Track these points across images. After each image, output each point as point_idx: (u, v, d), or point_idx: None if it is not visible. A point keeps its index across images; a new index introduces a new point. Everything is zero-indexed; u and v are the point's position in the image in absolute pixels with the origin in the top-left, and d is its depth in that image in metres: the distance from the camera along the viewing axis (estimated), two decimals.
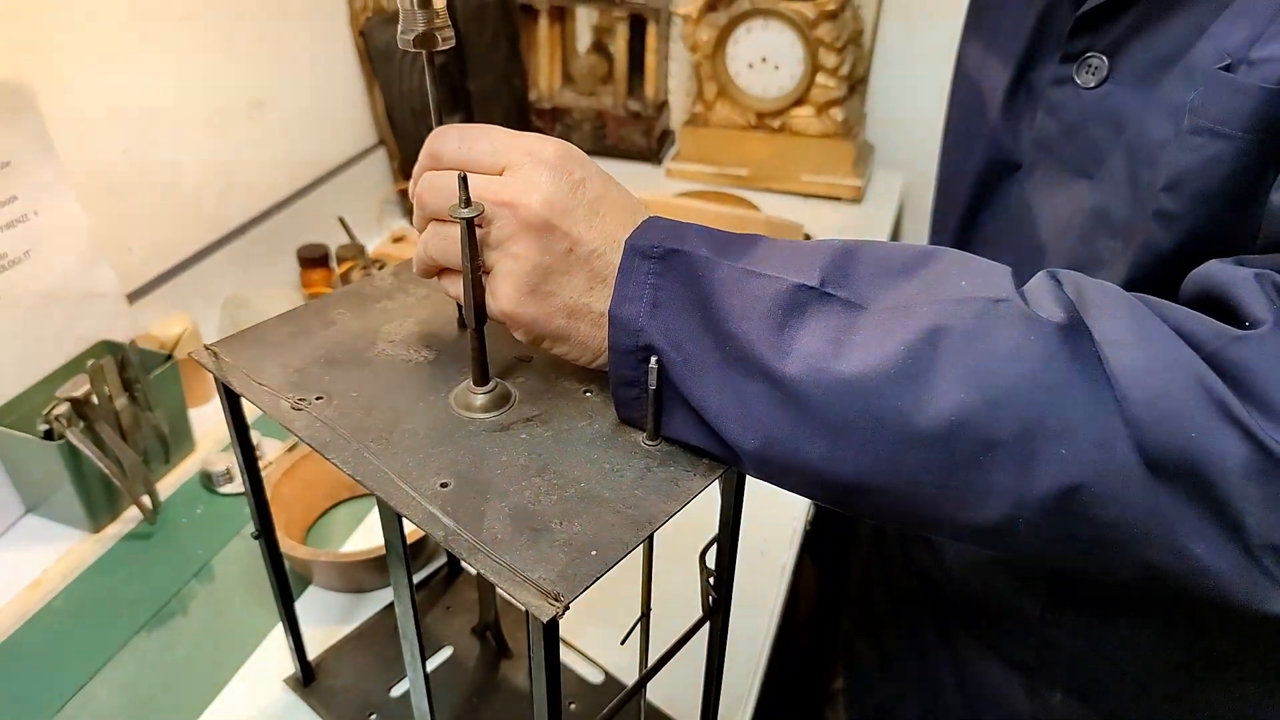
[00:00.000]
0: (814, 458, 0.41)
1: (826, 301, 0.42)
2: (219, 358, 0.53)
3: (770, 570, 0.82)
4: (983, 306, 0.40)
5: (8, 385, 0.80)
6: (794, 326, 0.41)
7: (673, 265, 0.43)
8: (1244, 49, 0.47)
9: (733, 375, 0.42)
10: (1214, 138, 0.47)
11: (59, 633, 0.73)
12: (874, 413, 0.40)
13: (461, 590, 0.78)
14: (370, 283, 0.61)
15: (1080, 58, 0.57)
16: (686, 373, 0.43)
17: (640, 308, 0.43)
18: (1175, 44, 0.51)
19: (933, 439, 0.39)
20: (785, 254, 0.44)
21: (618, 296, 0.44)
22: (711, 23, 1.46)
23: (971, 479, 0.40)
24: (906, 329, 0.40)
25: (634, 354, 0.44)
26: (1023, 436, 0.39)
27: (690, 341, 0.43)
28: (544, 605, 0.38)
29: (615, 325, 0.44)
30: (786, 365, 0.41)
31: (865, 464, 0.41)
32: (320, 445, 0.47)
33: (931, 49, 1.53)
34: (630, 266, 0.44)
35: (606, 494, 0.44)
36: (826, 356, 0.41)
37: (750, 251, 0.44)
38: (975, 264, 0.43)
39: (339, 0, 1.23)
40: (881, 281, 0.42)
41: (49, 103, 0.83)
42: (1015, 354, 0.39)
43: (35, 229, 0.82)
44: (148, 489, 0.81)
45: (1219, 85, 0.47)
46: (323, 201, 1.23)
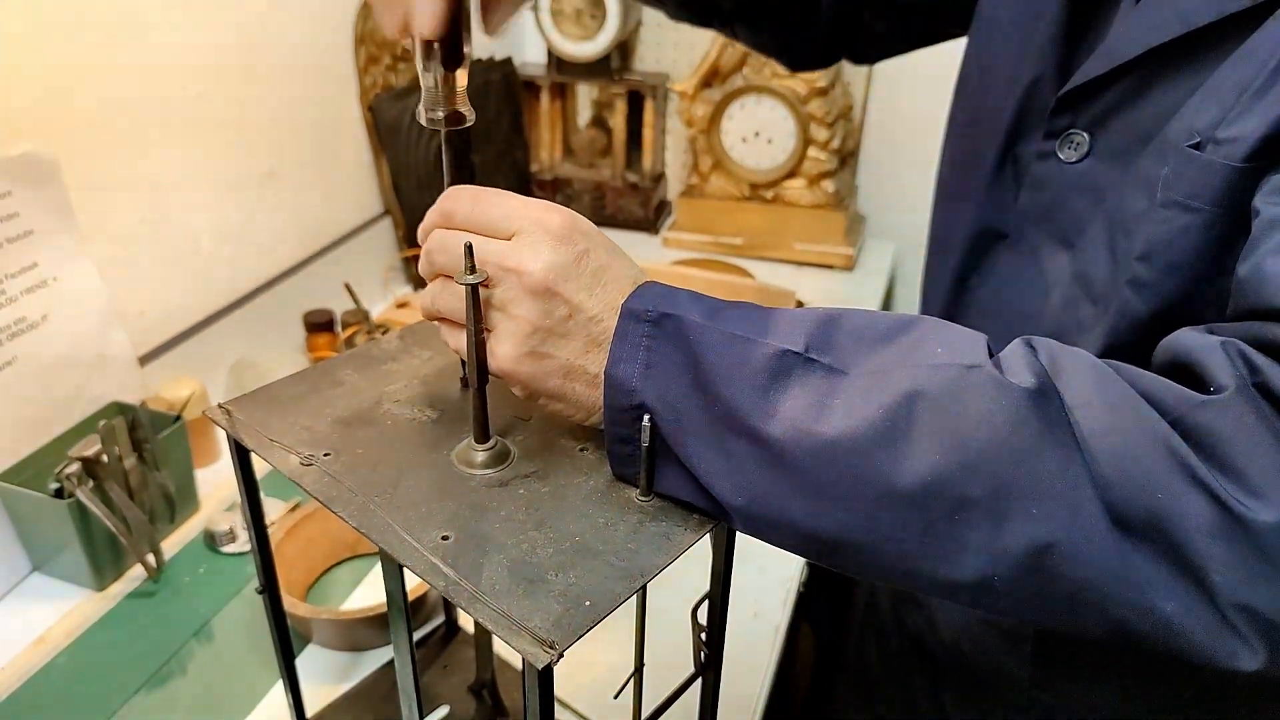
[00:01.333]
0: (798, 515, 0.43)
1: (810, 366, 0.44)
2: (231, 415, 0.56)
3: (764, 632, 0.83)
4: (956, 373, 0.42)
5: (21, 445, 0.83)
6: (779, 390, 0.43)
7: (665, 328, 0.45)
8: (1211, 129, 0.50)
9: (721, 435, 0.44)
10: (1184, 211, 0.50)
11: (62, 690, 0.74)
12: (854, 472, 0.42)
13: (458, 649, 0.79)
14: (377, 345, 0.64)
15: (1063, 134, 0.59)
16: (678, 431, 0.45)
17: (634, 368, 0.46)
18: (1151, 122, 0.54)
19: (910, 498, 0.41)
20: (773, 320, 0.46)
21: (613, 357, 0.46)
22: (707, 99, 1.51)
23: (948, 536, 0.42)
24: (884, 393, 0.42)
25: (628, 412, 0.46)
26: (995, 496, 0.40)
27: (681, 401, 0.45)
28: (539, 652, 0.40)
29: (610, 384, 0.46)
30: (771, 426, 0.43)
31: (847, 521, 0.43)
32: (327, 499, 0.49)
33: (919, 123, 1.58)
34: (625, 329, 0.46)
35: (601, 547, 0.46)
36: (809, 419, 0.42)
37: (740, 317, 0.46)
38: (952, 331, 0.45)
39: (349, 76, 1.29)
40: (862, 348, 0.44)
41: (71, 173, 0.86)
42: (986, 418, 0.41)
43: (53, 294, 0.85)
44: (153, 548, 0.83)
45: (1188, 162, 0.50)
46: (329, 269, 1.27)
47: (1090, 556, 0.40)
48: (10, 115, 0.82)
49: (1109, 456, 0.40)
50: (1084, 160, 0.58)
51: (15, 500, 0.81)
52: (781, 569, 0.89)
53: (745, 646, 0.80)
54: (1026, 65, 0.63)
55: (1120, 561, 0.40)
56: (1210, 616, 0.40)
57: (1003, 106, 0.65)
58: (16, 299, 0.82)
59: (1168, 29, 0.52)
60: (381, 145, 1.34)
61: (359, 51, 1.29)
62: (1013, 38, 0.66)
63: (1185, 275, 0.51)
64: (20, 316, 0.82)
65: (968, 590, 0.43)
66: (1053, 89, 0.61)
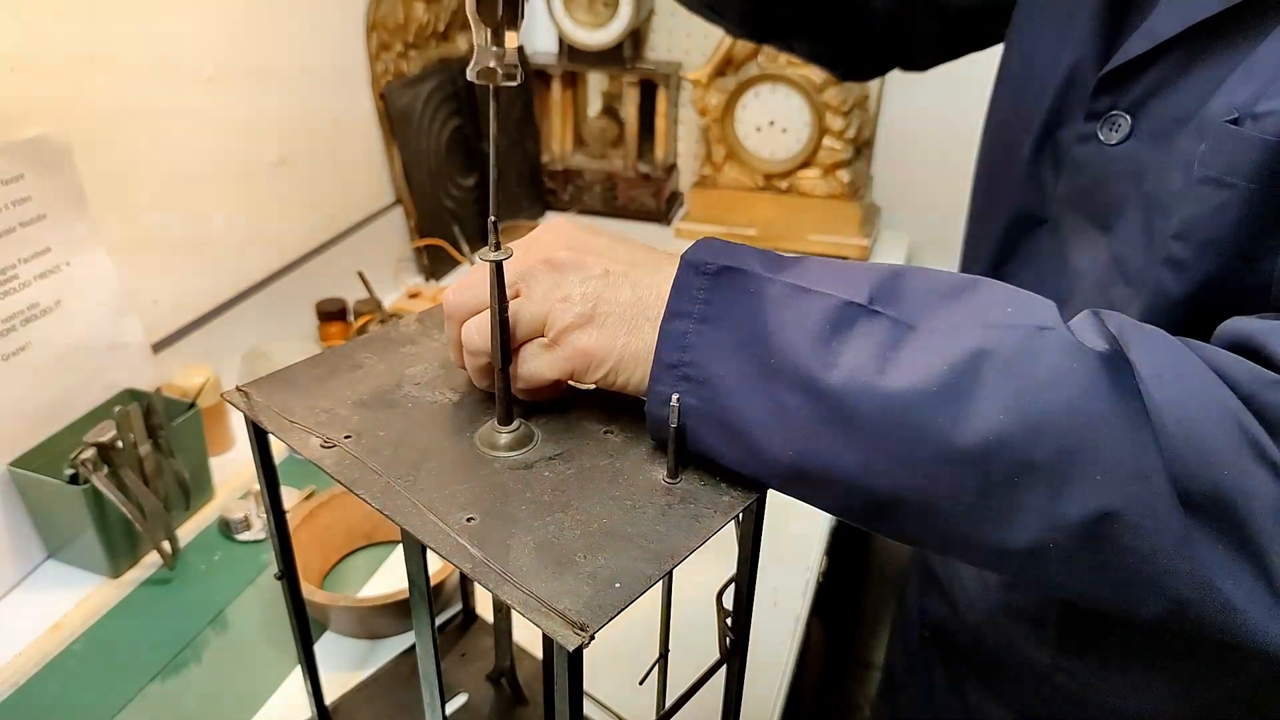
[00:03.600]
0: (849, 470, 0.43)
1: (874, 318, 0.43)
2: (250, 398, 0.55)
3: (784, 622, 0.83)
4: (1028, 333, 0.41)
5: (36, 431, 0.82)
6: (840, 341, 0.43)
7: (725, 281, 0.45)
8: (1250, 105, 0.49)
9: (774, 388, 0.44)
10: (1220, 187, 0.49)
11: (78, 677, 0.73)
12: (913, 428, 0.41)
13: (476, 637, 0.78)
14: (395, 328, 0.63)
15: (1104, 115, 0.58)
16: (727, 387, 0.45)
17: (690, 323, 0.45)
18: (1191, 101, 0.53)
19: (970, 457, 0.40)
20: (835, 273, 0.45)
21: (669, 311, 0.46)
22: (720, 87, 1.50)
23: (1005, 499, 0.41)
24: (951, 349, 0.41)
25: (676, 370, 0.46)
26: (1059, 461, 0.40)
27: (735, 355, 0.44)
28: (570, 634, 0.39)
29: (664, 339, 0.46)
30: (830, 376, 0.42)
31: (901, 478, 0.42)
32: (350, 482, 0.48)
33: (935, 113, 1.57)
34: (684, 281, 0.46)
35: (628, 530, 0.45)
36: (870, 371, 0.42)
37: (801, 269, 0.46)
38: (1022, 294, 0.45)
39: (360, 64, 1.28)
40: (929, 303, 0.44)
41: (83, 158, 0.86)
42: (1057, 380, 0.40)
43: (66, 280, 0.85)
44: (168, 535, 0.82)
45: (1225, 137, 0.49)
46: (341, 257, 1.26)
47: (1152, 529, 0.39)
48: (23, 100, 0.81)
49: (1177, 429, 0.39)
50: (1125, 142, 0.57)
51: (30, 486, 0.80)
52: (801, 559, 0.89)
53: (765, 636, 0.79)
54: (1068, 50, 0.62)
55: (1182, 536, 0.39)
56: (1268, 599, 0.39)
57: (1043, 92, 0.64)
58: (29, 284, 0.82)
59: (1208, 5, 0.51)
60: (393, 134, 1.33)
61: (370, 39, 1.28)
62: (1054, 23, 0.65)
63: (1222, 253, 0.50)
64: (33, 302, 0.82)
65: (1019, 557, 0.42)
66: (1094, 72, 0.60)
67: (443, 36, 1.44)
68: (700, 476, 0.48)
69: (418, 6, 1.36)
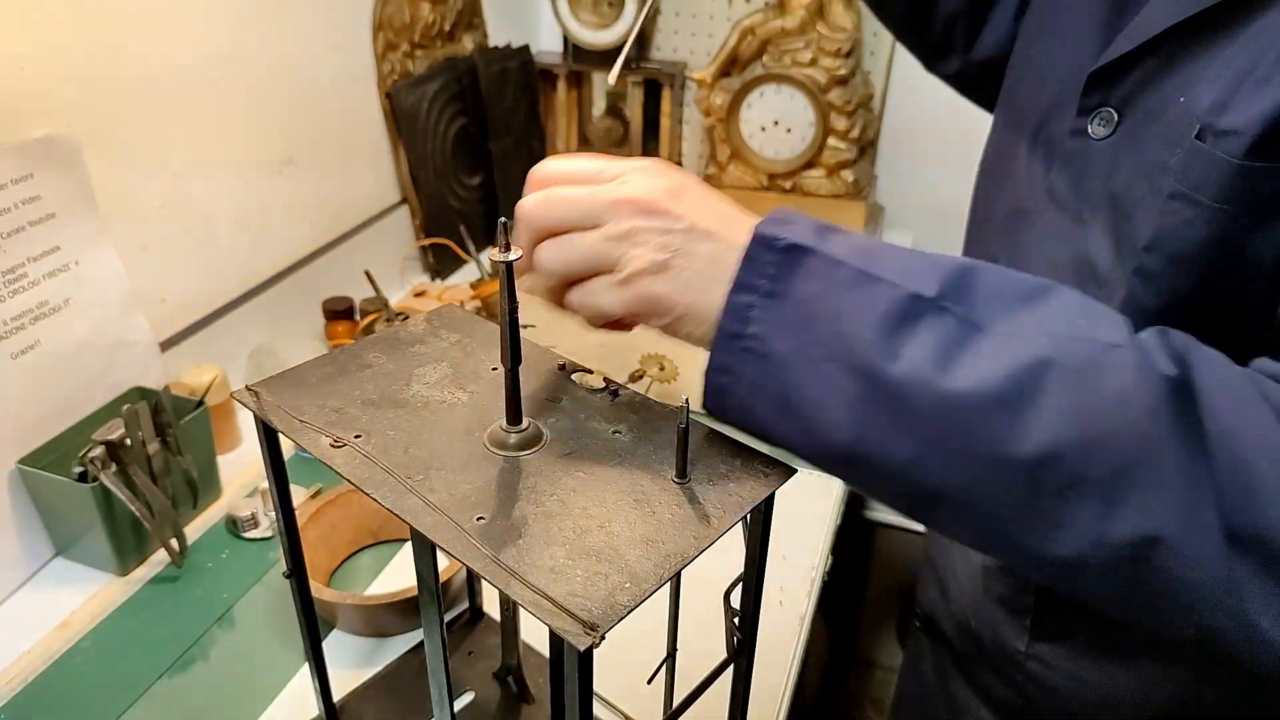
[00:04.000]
0: (901, 460, 0.43)
1: (941, 314, 0.43)
2: (260, 397, 0.55)
3: (789, 621, 0.83)
4: (1095, 348, 0.41)
5: (44, 429, 0.83)
6: (905, 333, 0.43)
7: (793, 259, 0.45)
8: (1212, 115, 0.48)
9: (835, 370, 0.44)
10: (1189, 204, 0.49)
11: (86, 674, 0.74)
12: (969, 430, 0.41)
13: (482, 635, 0.78)
14: (404, 328, 0.63)
15: (1094, 111, 0.59)
16: (787, 363, 0.45)
17: (755, 297, 0.45)
18: (1168, 101, 0.53)
19: (1023, 465, 0.41)
20: (905, 261, 0.45)
21: (737, 283, 0.46)
22: (725, 87, 1.50)
23: (1053, 510, 0.41)
24: (1016, 356, 0.41)
25: (738, 340, 0.46)
26: (1113, 480, 0.40)
27: (798, 333, 0.45)
28: (581, 635, 0.39)
29: (729, 310, 0.46)
30: (891, 368, 0.42)
31: (951, 475, 0.42)
32: (360, 481, 0.49)
33: (939, 113, 1.57)
34: (755, 254, 0.46)
35: (637, 529, 0.45)
36: (933, 368, 0.42)
37: (871, 254, 0.45)
38: (1094, 306, 0.44)
39: (367, 64, 1.28)
40: (998, 305, 0.44)
41: (93, 157, 0.86)
42: (1121, 400, 0.40)
43: (75, 278, 0.85)
44: (176, 532, 0.83)
45: (1194, 153, 0.49)
46: (348, 256, 1.26)
47: (1195, 557, 0.40)
48: (33, 99, 0.81)
49: (1229, 461, 0.39)
50: (1110, 137, 0.58)
51: (39, 484, 0.81)
52: (806, 558, 0.89)
53: (771, 635, 0.79)
54: (1069, 47, 0.62)
55: (1225, 570, 0.40)
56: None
57: (1043, 88, 0.65)
58: (39, 282, 0.82)
59: (1187, 5, 0.51)
60: (399, 133, 1.34)
61: (377, 38, 1.28)
62: (1060, 22, 0.66)
63: (1193, 269, 0.50)
64: (43, 300, 0.82)
65: (1057, 567, 0.43)
66: (1080, 63, 0.60)
67: (448, 36, 1.44)
68: (709, 477, 0.49)
69: (424, 6, 1.36)
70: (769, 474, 0.49)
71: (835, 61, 1.44)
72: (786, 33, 1.45)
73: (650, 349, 1.03)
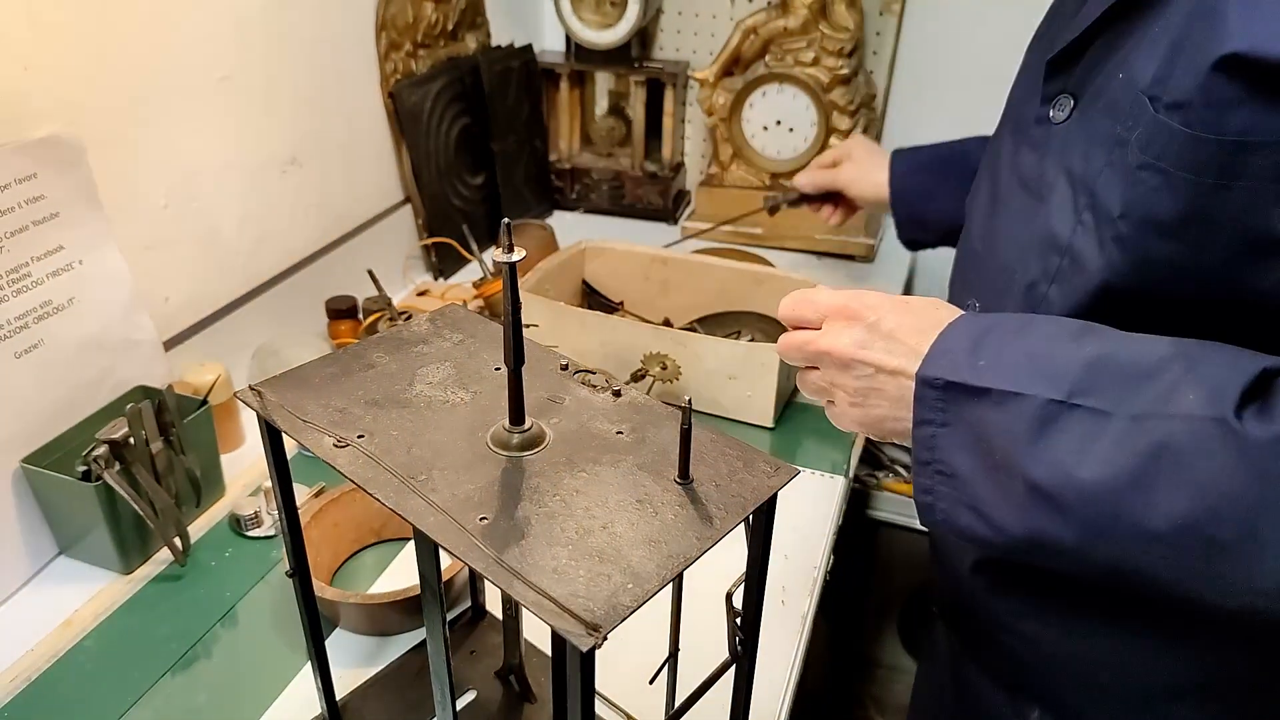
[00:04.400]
0: (1071, 545, 0.50)
1: (1072, 412, 0.50)
2: (263, 397, 0.55)
3: (791, 619, 0.83)
4: (1202, 428, 0.46)
5: (48, 428, 0.83)
6: (1046, 436, 0.50)
7: (952, 393, 0.54)
8: (1157, 88, 0.52)
9: (1005, 478, 0.52)
10: (1155, 173, 0.52)
11: (89, 672, 0.74)
12: (1110, 513, 0.48)
13: (485, 635, 0.79)
14: (407, 328, 0.63)
15: (1054, 98, 0.63)
16: (968, 478, 0.54)
17: (934, 428, 0.55)
18: (1111, 80, 0.57)
19: (1163, 538, 0.47)
20: (1041, 366, 0.52)
21: (916, 419, 0.56)
22: (728, 87, 1.51)
23: (1205, 572, 0.47)
24: (1138, 442, 0.47)
25: (929, 466, 0.56)
26: (1246, 538, 0.45)
27: (970, 451, 0.54)
28: (583, 635, 0.39)
29: (917, 440, 0.56)
30: (1037, 471, 0.50)
31: (1114, 552, 0.49)
32: (363, 481, 0.49)
33: (941, 112, 1.57)
34: (922, 395, 0.55)
35: (640, 529, 0.45)
36: (1070, 463, 0.49)
37: (1018, 369, 0.52)
38: (1210, 368, 0.48)
39: (370, 63, 1.28)
40: (1125, 389, 0.49)
41: (96, 157, 0.86)
42: (1228, 473, 0.45)
43: (79, 277, 0.85)
44: (179, 531, 0.83)
45: (1156, 125, 0.52)
46: (351, 256, 1.26)
47: None
48: (37, 99, 0.82)
49: None
50: (1068, 120, 0.61)
51: (42, 483, 0.81)
52: (808, 557, 0.89)
53: (772, 634, 0.79)
54: (1049, 42, 0.66)
55: None
56: None
57: (1022, 86, 0.70)
58: (43, 281, 0.82)
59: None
60: (402, 132, 1.34)
61: (380, 38, 1.28)
62: (1049, 29, 0.70)
63: (1166, 233, 0.53)
64: (47, 299, 0.82)
65: (1237, 613, 0.49)
66: None
67: (451, 36, 1.44)
68: (711, 477, 0.49)
69: (426, 6, 1.36)
70: (771, 474, 0.49)
71: (838, 61, 1.44)
72: (789, 32, 1.45)
73: (652, 348, 1.03)
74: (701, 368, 1.04)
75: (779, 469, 0.49)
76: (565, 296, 1.21)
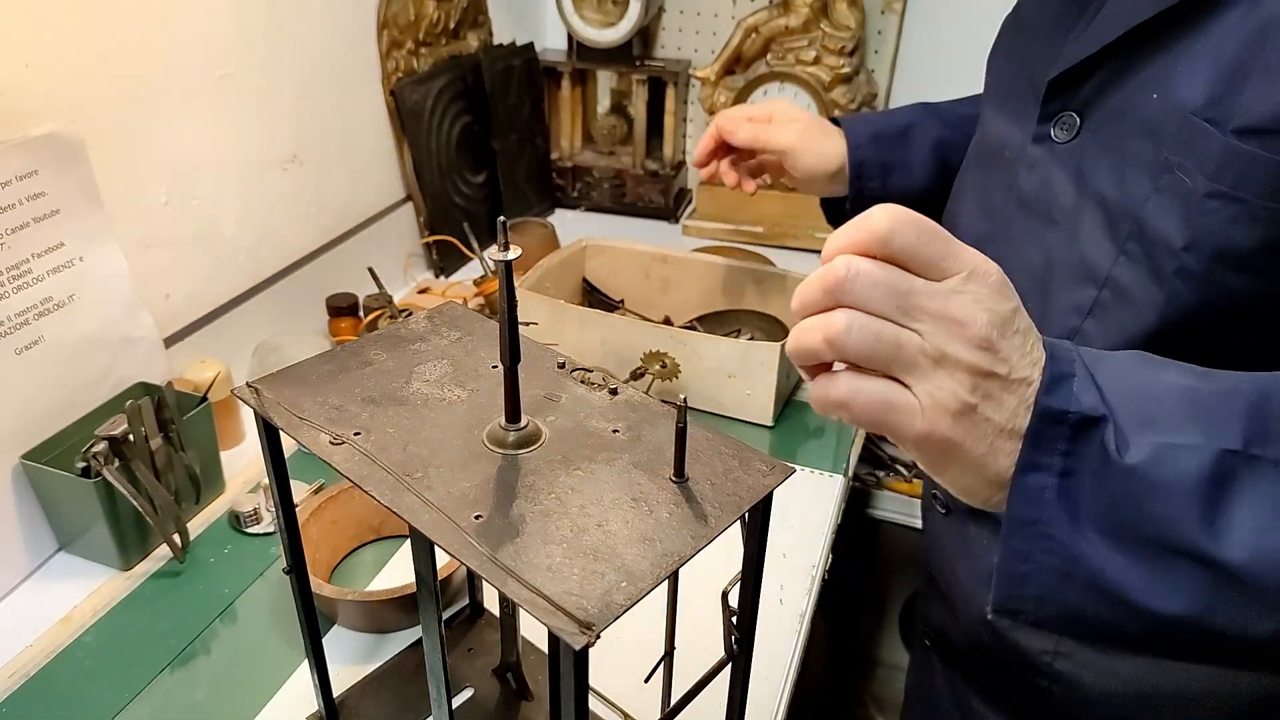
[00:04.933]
0: (1263, 637, 0.40)
1: (1255, 465, 0.39)
2: (260, 394, 0.55)
3: (789, 619, 0.83)
4: None
5: (48, 424, 0.83)
6: (1226, 501, 0.39)
7: (1085, 435, 0.41)
8: (1213, 107, 0.49)
9: (1155, 555, 0.40)
10: (1231, 202, 0.49)
11: (88, 668, 0.74)
12: None
13: (482, 632, 0.79)
14: (405, 326, 0.63)
15: (1056, 117, 0.60)
16: (1097, 551, 0.41)
17: (1048, 478, 0.41)
18: (1135, 100, 0.54)
19: None
20: (1199, 408, 0.41)
21: (1025, 463, 0.41)
22: (729, 85, 1.50)
23: None
24: None
25: (1033, 526, 0.41)
26: None
27: (1103, 517, 0.41)
28: (577, 633, 0.39)
29: (1020, 491, 0.41)
30: (1228, 550, 0.39)
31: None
32: (359, 478, 0.49)
33: None
34: (1043, 432, 0.41)
35: (635, 528, 0.45)
36: (1272, 532, 0.39)
37: (1169, 406, 0.41)
38: None
39: (372, 61, 1.28)
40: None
41: (97, 154, 0.86)
42: None
43: (80, 274, 0.86)
44: (178, 528, 0.83)
45: (1232, 152, 0.48)
46: (352, 253, 1.27)
47: None
48: (38, 96, 0.82)
49: None
50: (1074, 140, 0.59)
51: (42, 479, 0.81)
52: (806, 556, 0.89)
53: (770, 633, 0.79)
54: (1028, 64, 0.63)
55: None
56: None
57: (1010, 92, 0.67)
58: (43, 278, 0.82)
59: (1142, 9, 0.52)
60: (403, 130, 1.34)
61: (382, 36, 1.28)
62: (1016, 45, 0.67)
63: (1243, 266, 0.50)
64: (47, 296, 0.83)
65: None
66: (1043, 72, 0.61)
67: (453, 34, 1.44)
68: (707, 476, 0.49)
69: (428, 4, 1.36)
70: (767, 473, 0.49)
71: (839, 60, 1.44)
72: (790, 31, 1.45)
73: (652, 347, 1.03)
74: (701, 366, 1.04)
75: (774, 467, 0.49)
76: (566, 294, 1.21)
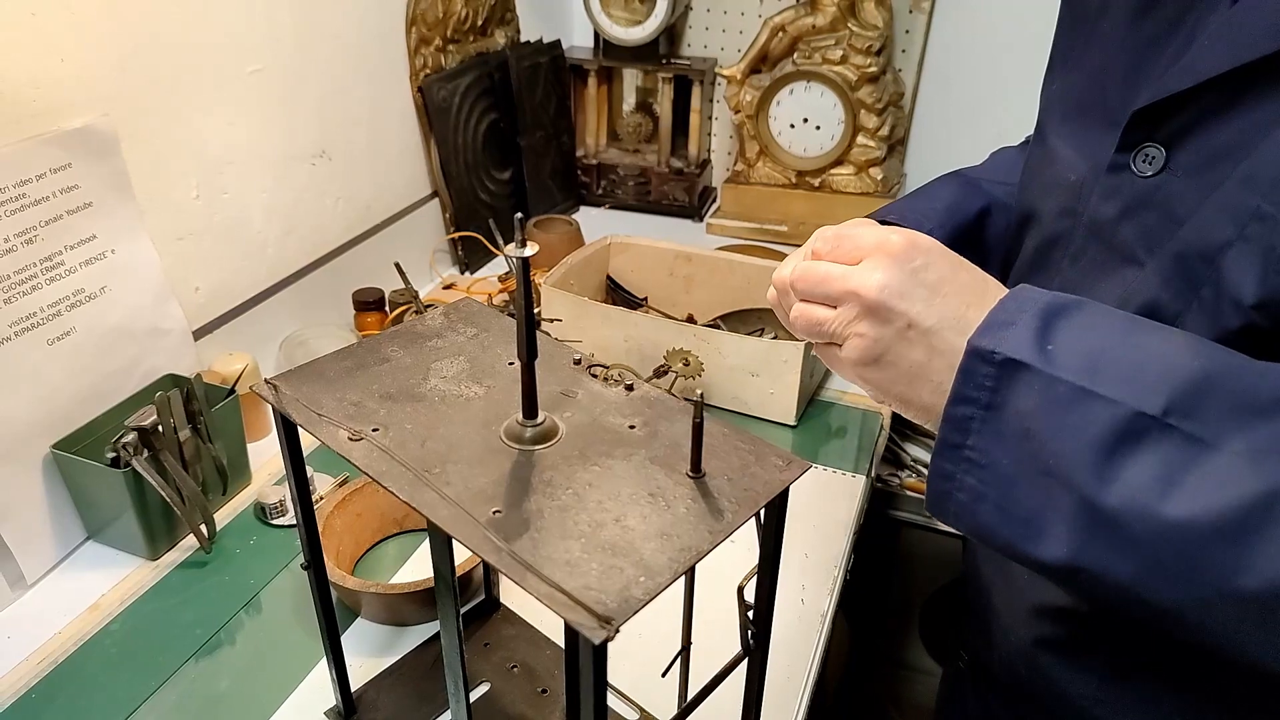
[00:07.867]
0: (1124, 580, 0.43)
1: (1165, 433, 0.41)
2: (279, 390, 0.56)
3: (810, 617, 0.83)
4: None
5: (78, 414, 0.84)
6: (1123, 456, 0.42)
7: (1009, 372, 0.45)
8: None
9: (1053, 486, 0.44)
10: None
11: (114, 656, 0.76)
12: (1193, 560, 0.40)
13: (499, 626, 0.79)
14: (421, 322, 0.64)
15: (1138, 147, 0.55)
16: (1007, 475, 0.46)
17: (974, 409, 0.47)
18: (1234, 141, 0.50)
19: (1252, 599, 0.40)
20: (1131, 368, 0.43)
21: (956, 395, 0.47)
22: (755, 84, 1.50)
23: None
24: (1247, 485, 0.40)
25: (959, 450, 0.48)
26: None
27: (1016, 445, 0.45)
28: (595, 628, 0.40)
29: (949, 420, 0.47)
30: (1107, 495, 0.42)
31: (1179, 598, 0.42)
32: (377, 474, 0.49)
33: (969, 112, 1.56)
34: (969, 368, 0.46)
35: (652, 523, 0.46)
36: (1153, 495, 0.41)
37: (1098, 364, 0.44)
38: None
39: (400, 58, 1.29)
40: (1234, 420, 0.41)
41: (130, 148, 0.88)
42: None
43: (111, 267, 0.87)
44: (205, 518, 0.84)
45: None
46: (378, 248, 1.28)
47: None
48: (72, 90, 0.83)
49: None
50: (1159, 175, 0.54)
51: (72, 468, 0.82)
52: (827, 556, 0.89)
53: (791, 632, 0.79)
54: (1108, 79, 0.59)
55: None
56: None
57: (1081, 115, 0.62)
58: (75, 270, 0.84)
59: (1258, 46, 0.48)
60: (431, 127, 1.35)
61: (410, 33, 1.29)
62: (1087, 54, 0.62)
63: None
64: (79, 288, 0.84)
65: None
66: (1128, 102, 0.56)
67: (481, 31, 1.45)
68: (723, 471, 0.49)
69: (457, 2, 1.37)
70: (783, 468, 0.49)
71: (866, 59, 1.43)
72: (817, 30, 1.44)
73: (675, 344, 1.03)
74: (724, 364, 1.04)
75: (791, 463, 0.49)
76: (589, 291, 1.21)
